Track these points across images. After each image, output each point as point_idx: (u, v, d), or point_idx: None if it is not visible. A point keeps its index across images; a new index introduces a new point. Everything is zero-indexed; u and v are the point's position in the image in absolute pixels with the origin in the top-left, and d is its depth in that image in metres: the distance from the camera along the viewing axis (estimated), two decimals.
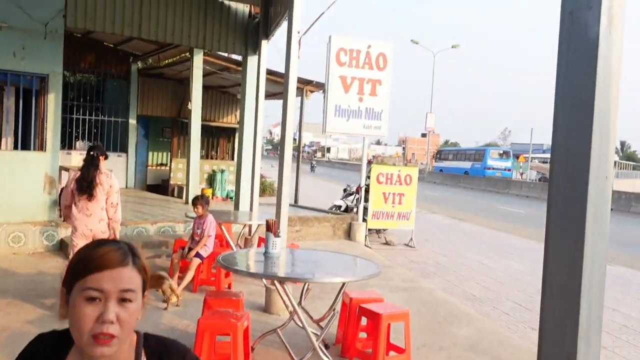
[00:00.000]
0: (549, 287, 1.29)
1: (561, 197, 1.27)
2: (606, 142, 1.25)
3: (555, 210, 1.29)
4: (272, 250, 4.29)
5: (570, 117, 1.26)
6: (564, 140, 1.28)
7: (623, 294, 8.30)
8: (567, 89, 1.28)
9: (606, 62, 1.23)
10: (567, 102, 1.28)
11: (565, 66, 1.29)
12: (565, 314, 1.24)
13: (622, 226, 18.87)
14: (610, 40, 1.23)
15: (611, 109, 1.25)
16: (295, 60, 5.64)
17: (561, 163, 1.28)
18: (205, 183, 15.44)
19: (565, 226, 1.26)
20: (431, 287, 7.46)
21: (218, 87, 15.67)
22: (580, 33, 1.25)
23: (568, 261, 1.24)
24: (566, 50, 1.29)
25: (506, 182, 35.19)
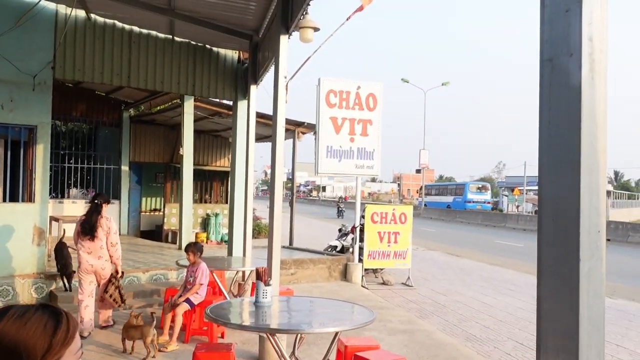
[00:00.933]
0: (544, 352, 1.19)
1: (552, 254, 1.20)
2: (596, 194, 1.18)
3: (546, 270, 1.21)
4: (263, 299, 4.16)
5: (557, 169, 1.20)
6: (551, 194, 1.21)
7: (627, 328, 8.13)
8: (551, 140, 1.22)
9: (591, 110, 1.18)
10: (551, 154, 1.21)
11: (547, 116, 1.23)
12: None
13: (621, 257, 18.72)
14: (593, 87, 1.18)
15: (599, 159, 1.18)
16: (283, 105, 5.64)
17: (549, 218, 1.20)
18: (200, 227, 15.30)
19: (558, 286, 1.18)
20: (430, 329, 7.28)
21: (210, 131, 15.70)
22: (561, 81, 1.20)
23: (562, 324, 1.16)
24: (547, 99, 1.24)
25: (502, 215, 35.15)
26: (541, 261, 1.22)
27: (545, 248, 1.20)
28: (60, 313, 1.16)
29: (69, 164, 14.25)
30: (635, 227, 25.11)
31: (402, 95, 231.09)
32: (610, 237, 24.84)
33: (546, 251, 1.20)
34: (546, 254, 1.20)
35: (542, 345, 1.20)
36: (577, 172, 1.16)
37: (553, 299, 1.18)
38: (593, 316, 1.16)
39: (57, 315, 1.15)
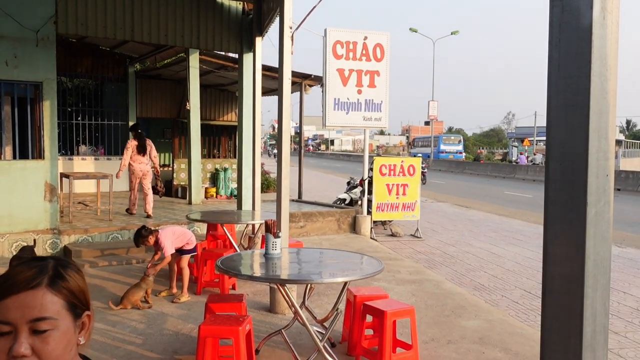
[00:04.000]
0: (549, 295, 1.20)
1: (559, 199, 1.19)
2: (605, 138, 1.16)
3: (553, 214, 1.20)
4: (273, 251, 4.22)
5: (566, 112, 1.17)
6: (560, 137, 1.19)
7: (634, 276, 8.19)
8: (561, 83, 1.18)
9: (601, 52, 1.14)
10: (560, 97, 1.19)
11: (557, 58, 1.20)
12: (567, 324, 1.16)
13: (630, 206, 18.69)
14: (605, 28, 1.14)
15: (609, 102, 1.16)
16: (289, 56, 5.55)
17: (557, 162, 1.19)
18: (209, 182, 15.37)
19: (565, 230, 1.17)
20: (438, 279, 7.38)
21: (216, 86, 15.58)
22: (571, 22, 1.16)
23: (569, 268, 1.16)
24: (557, 41, 1.20)
25: (512, 166, 34.99)
26: (548, 205, 1.21)
27: (552, 192, 1.19)
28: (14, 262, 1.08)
29: (77, 121, 14.26)
30: None
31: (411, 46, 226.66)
32: (620, 187, 24.74)
33: (553, 195, 1.19)
34: (553, 198, 1.19)
35: (548, 289, 1.20)
36: (586, 114, 1.13)
37: (559, 243, 1.18)
38: (599, 260, 1.15)
39: None
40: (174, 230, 6.17)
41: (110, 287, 6.40)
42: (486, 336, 5.04)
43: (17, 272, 1.03)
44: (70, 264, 1.11)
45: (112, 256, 7.78)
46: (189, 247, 6.21)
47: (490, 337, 5.02)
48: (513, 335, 5.10)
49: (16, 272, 1.03)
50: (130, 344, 4.67)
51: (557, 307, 1.19)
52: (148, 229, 6.00)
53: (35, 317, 1.00)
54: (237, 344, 3.58)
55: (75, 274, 1.10)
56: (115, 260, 7.62)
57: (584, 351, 1.13)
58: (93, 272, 7.10)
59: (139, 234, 5.96)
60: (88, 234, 8.21)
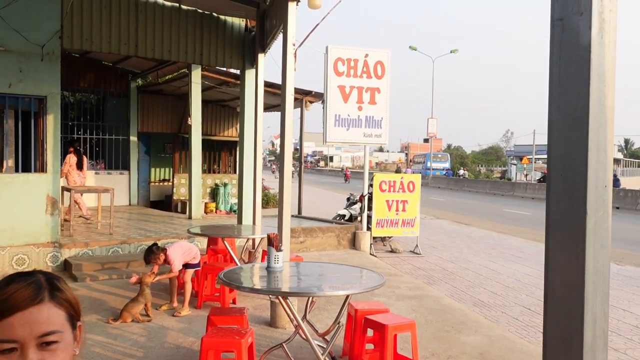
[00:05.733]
0: (551, 301, 1.25)
1: (560, 209, 1.24)
2: (604, 151, 1.21)
3: (554, 223, 1.25)
4: (275, 264, 4.25)
5: (566, 126, 1.23)
6: (560, 150, 1.25)
7: (634, 294, 8.21)
8: (561, 99, 1.24)
9: (600, 69, 1.20)
10: (561, 111, 1.24)
11: (557, 74, 1.26)
12: (569, 329, 1.20)
13: (629, 224, 18.73)
14: (602, 46, 1.20)
15: (607, 116, 1.21)
16: (292, 73, 5.63)
17: (558, 173, 1.24)
18: (208, 197, 15.42)
19: (565, 238, 1.22)
20: (438, 295, 7.39)
21: (218, 101, 15.70)
22: (571, 40, 1.22)
23: (569, 274, 1.21)
24: (558, 58, 1.26)
25: (511, 184, 35.08)
26: (550, 215, 1.26)
27: (553, 202, 1.24)
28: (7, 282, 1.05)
29: (78, 135, 14.33)
30: None
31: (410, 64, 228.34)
32: (619, 205, 24.81)
33: (554, 205, 1.24)
34: (554, 208, 1.24)
35: (549, 295, 1.25)
36: (585, 128, 1.19)
37: (560, 251, 1.22)
38: (599, 267, 1.20)
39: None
40: (182, 245, 6.22)
41: (110, 301, 6.40)
42: (486, 352, 5.05)
43: (13, 290, 1.02)
44: (57, 276, 1.12)
45: (113, 270, 7.79)
46: (194, 261, 6.24)
47: (490, 353, 5.03)
48: (513, 352, 5.11)
49: (11, 290, 1.02)
50: (131, 357, 4.67)
51: (558, 313, 1.23)
52: (159, 247, 6.02)
53: (44, 332, 1.01)
54: (239, 356, 3.60)
55: (66, 285, 1.12)
56: (115, 274, 7.63)
57: (585, 354, 1.17)
58: (94, 286, 7.11)
59: (150, 251, 5.96)
60: (89, 247, 8.22)
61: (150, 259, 5.97)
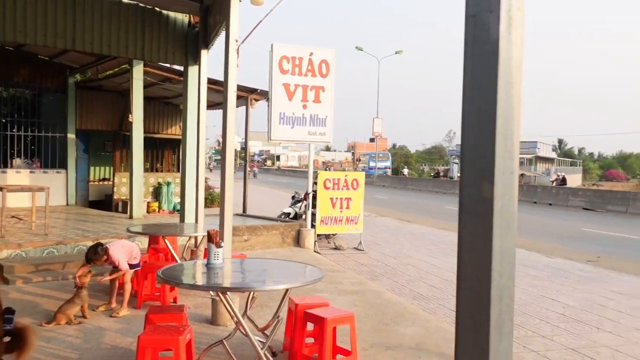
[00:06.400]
0: (462, 281, 1.34)
1: (471, 194, 1.33)
2: (510, 140, 1.31)
3: (466, 207, 1.34)
4: (215, 260, 4.24)
5: (477, 118, 1.32)
6: (472, 140, 1.34)
7: (562, 284, 8.65)
8: (473, 91, 1.33)
9: (507, 63, 1.29)
10: (473, 104, 1.33)
11: (470, 69, 1.35)
12: (478, 305, 1.29)
13: (561, 220, 19.69)
14: (510, 42, 1.30)
15: (514, 108, 1.31)
16: (234, 69, 5.63)
17: (470, 162, 1.33)
18: (151, 196, 15.10)
19: (475, 221, 1.31)
20: (379, 289, 7.55)
21: (161, 98, 15.38)
22: (482, 36, 1.31)
23: (478, 254, 1.30)
24: (471, 53, 1.35)
25: (452, 182, 36.10)
26: (462, 200, 1.35)
27: (465, 188, 1.33)
28: None
29: (12, 132, 13.72)
30: (575, 191, 26.36)
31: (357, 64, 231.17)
32: (552, 202, 26.01)
33: (466, 191, 1.33)
34: (466, 193, 1.33)
35: (462, 276, 1.33)
36: (494, 120, 1.28)
37: (471, 233, 1.31)
38: (505, 247, 1.30)
39: None
40: (123, 244, 6.08)
41: (44, 304, 6.18)
42: (423, 342, 5.22)
43: None
44: None
45: (47, 272, 7.52)
46: (135, 261, 6.11)
47: (426, 343, 5.19)
48: (448, 341, 5.29)
49: None
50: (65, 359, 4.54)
51: (469, 291, 1.32)
52: (103, 248, 5.83)
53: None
54: (177, 354, 3.57)
55: None
56: (50, 275, 7.37)
57: (492, 329, 1.27)
58: (26, 289, 6.84)
59: (94, 251, 5.74)
60: (22, 248, 7.91)
61: (94, 259, 5.78)
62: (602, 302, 7.53)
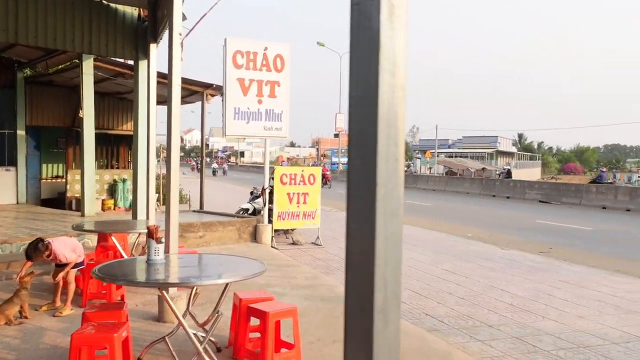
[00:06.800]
0: (349, 268, 1.34)
1: (356, 181, 1.33)
2: (394, 127, 1.31)
3: (353, 194, 1.34)
4: (155, 256, 4.17)
5: (362, 104, 1.32)
6: (357, 127, 1.34)
7: (513, 275, 8.85)
8: (357, 78, 1.33)
9: (390, 52, 1.30)
10: (359, 91, 1.33)
11: (355, 56, 1.35)
12: (364, 292, 1.30)
13: (517, 212, 20.15)
14: (393, 30, 1.30)
15: (398, 95, 1.32)
16: (178, 63, 5.54)
17: (355, 148, 1.33)
18: (106, 194, 14.79)
19: (360, 208, 1.31)
20: (332, 283, 7.58)
21: (115, 94, 15.06)
22: (365, 24, 1.31)
23: (362, 241, 1.30)
24: (355, 41, 1.34)
25: (414, 176, 36.55)
26: (349, 188, 1.34)
27: (352, 175, 1.33)
28: None
29: None
30: (531, 184, 27.03)
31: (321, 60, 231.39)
32: (509, 195, 26.60)
33: (353, 178, 1.33)
34: (353, 180, 1.33)
35: (349, 263, 1.34)
36: (376, 106, 1.28)
37: (356, 220, 1.31)
38: (389, 234, 1.30)
39: None
40: (66, 241, 5.91)
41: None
42: None
43: None
44: None
45: None
46: (79, 260, 5.95)
47: None
48: None
49: None
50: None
51: (355, 279, 1.32)
52: (44, 244, 5.64)
53: None
54: (112, 352, 3.50)
55: None
56: None
57: (376, 314, 1.27)
58: None
59: (35, 248, 5.55)
60: None
61: (34, 255, 5.60)
62: (550, 292, 7.74)
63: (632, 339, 5.70)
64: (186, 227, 9.73)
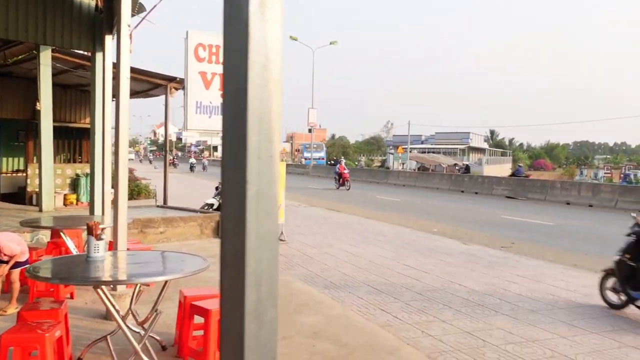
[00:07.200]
0: (224, 269, 1.29)
1: (231, 178, 1.28)
2: (267, 122, 1.27)
3: (227, 193, 1.30)
4: (95, 254, 4.07)
5: (235, 99, 1.28)
6: (229, 122, 1.30)
7: (472, 270, 8.93)
8: (232, 72, 1.29)
9: (261, 44, 1.26)
10: (232, 85, 1.29)
11: (227, 51, 1.30)
12: (237, 292, 1.26)
13: (484, 207, 20.41)
14: (265, 22, 1.26)
15: (271, 89, 1.28)
16: (127, 55, 5.42)
17: (228, 144, 1.29)
18: (69, 188, 14.49)
19: (233, 207, 1.27)
20: (290, 279, 7.54)
21: (77, 86, 14.74)
22: (235, 15, 1.27)
23: (235, 240, 1.26)
24: (228, 35, 1.30)
25: (385, 172, 36.74)
26: (223, 186, 1.30)
27: (226, 172, 1.29)
28: None
29: None
30: (499, 180, 27.41)
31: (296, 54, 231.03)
32: (478, 190, 26.94)
33: (226, 176, 1.29)
34: (226, 178, 1.29)
35: (223, 264, 1.29)
36: (246, 100, 1.24)
37: (230, 219, 1.27)
38: (263, 233, 1.26)
39: None
40: (12, 236, 5.73)
41: None
42: (321, 330, 5.24)
43: None
44: None
45: None
46: (23, 258, 5.77)
47: (325, 331, 5.22)
48: (347, 328, 5.35)
49: None
50: None
51: (229, 280, 1.28)
52: None
53: None
54: (42, 353, 3.40)
55: None
56: None
57: (247, 316, 1.23)
58: None
59: None
60: None
61: None
62: (506, 286, 7.83)
63: (580, 333, 5.80)
64: (146, 223, 9.59)
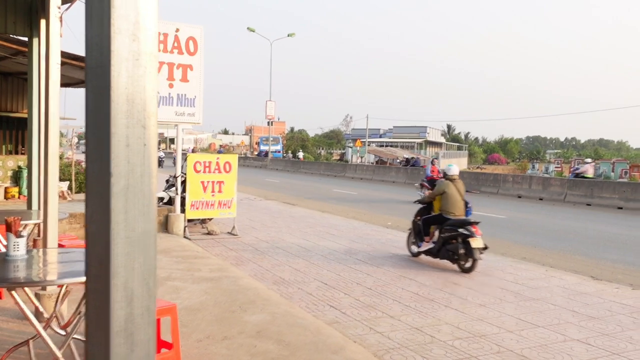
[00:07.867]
0: (88, 280, 1.08)
1: (93, 171, 1.07)
2: (140, 104, 1.09)
3: (91, 189, 1.09)
4: (14, 252, 3.75)
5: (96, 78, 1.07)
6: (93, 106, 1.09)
7: (424, 264, 8.90)
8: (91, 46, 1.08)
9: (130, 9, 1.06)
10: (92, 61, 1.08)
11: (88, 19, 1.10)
12: (102, 308, 1.05)
13: None
14: None
15: (145, 65, 1.09)
16: (57, 39, 5.07)
17: (90, 129, 1.08)
18: (10, 181, 13.80)
19: (99, 206, 1.06)
20: (238, 275, 7.31)
21: (19, 74, 13.99)
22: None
23: (100, 247, 1.05)
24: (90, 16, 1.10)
25: (342, 165, 36.74)
26: (87, 180, 1.09)
27: (90, 164, 1.07)
28: None
29: None
30: None
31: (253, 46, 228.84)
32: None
33: (90, 168, 1.08)
34: (90, 170, 1.08)
35: (89, 275, 1.09)
36: (108, 75, 1.03)
37: (96, 221, 1.06)
38: (135, 236, 1.06)
39: None
40: None
41: None
42: (265, 329, 5.05)
43: None
44: None
45: None
46: None
47: (268, 330, 5.03)
48: (292, 326, 5.17)
49: None
50: None
51: (94, 293, 1.08)
52: None
53: None
54: None
55: None
56: None
57: (115, 336, 1.03)
58: None
59: None
60: None
61: None
62: (456, 281, 7.82)
63: (527, 327, 5.81)
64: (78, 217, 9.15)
